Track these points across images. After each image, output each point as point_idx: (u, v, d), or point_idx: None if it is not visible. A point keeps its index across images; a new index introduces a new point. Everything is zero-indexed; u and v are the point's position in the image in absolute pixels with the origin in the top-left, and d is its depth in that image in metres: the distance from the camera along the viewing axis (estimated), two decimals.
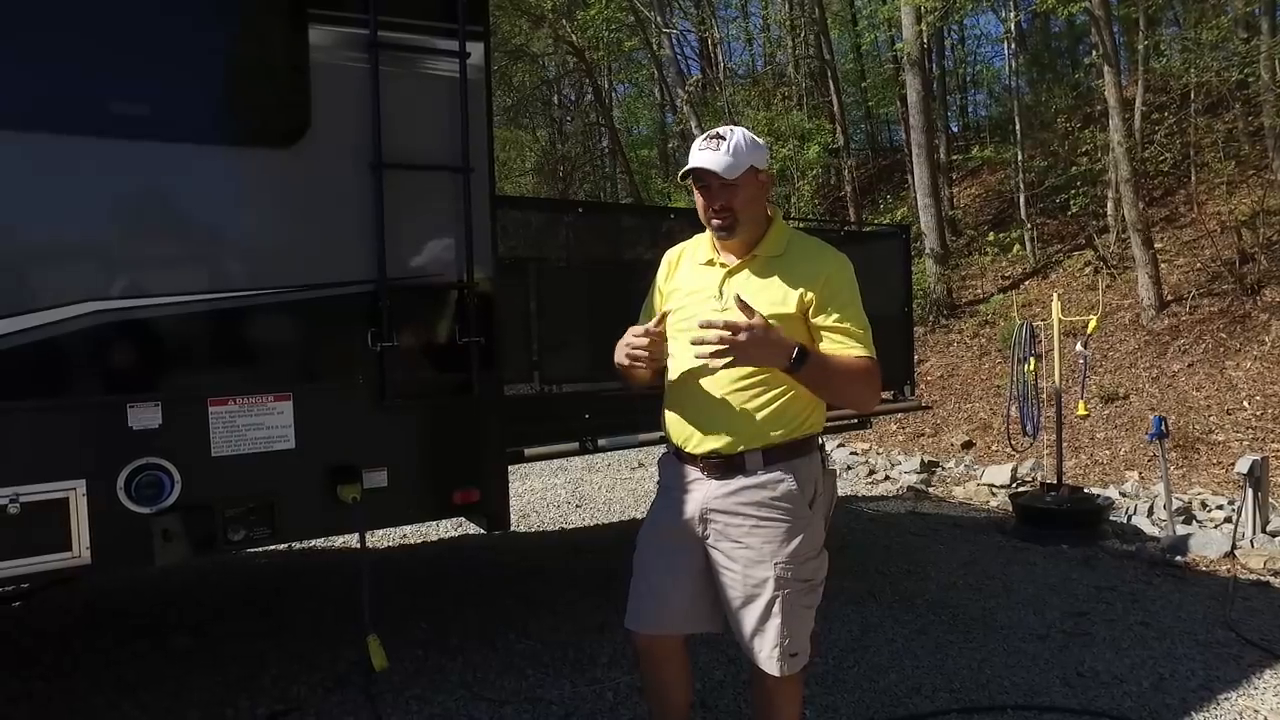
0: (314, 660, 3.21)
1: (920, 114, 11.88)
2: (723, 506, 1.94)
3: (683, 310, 2.02)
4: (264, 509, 2.34)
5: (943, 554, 4.66)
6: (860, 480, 7.19)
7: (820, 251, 1.99)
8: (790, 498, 1.90)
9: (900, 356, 4.46)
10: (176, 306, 2.21)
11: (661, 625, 2.06)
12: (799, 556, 1.91)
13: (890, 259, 4.55)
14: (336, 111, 2.43)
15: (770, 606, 1.90)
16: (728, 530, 1.94)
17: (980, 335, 10.93)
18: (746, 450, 1.91)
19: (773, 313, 1.87)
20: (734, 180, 1.90)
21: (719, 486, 1.94)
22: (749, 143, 1.93)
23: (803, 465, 1.94)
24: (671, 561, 2.02)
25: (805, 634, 1.96)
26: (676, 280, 2.10)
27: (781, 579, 1.90)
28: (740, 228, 1.94)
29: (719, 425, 1.92)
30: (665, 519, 2.05)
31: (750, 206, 1.94)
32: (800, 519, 1.91)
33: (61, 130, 2.10)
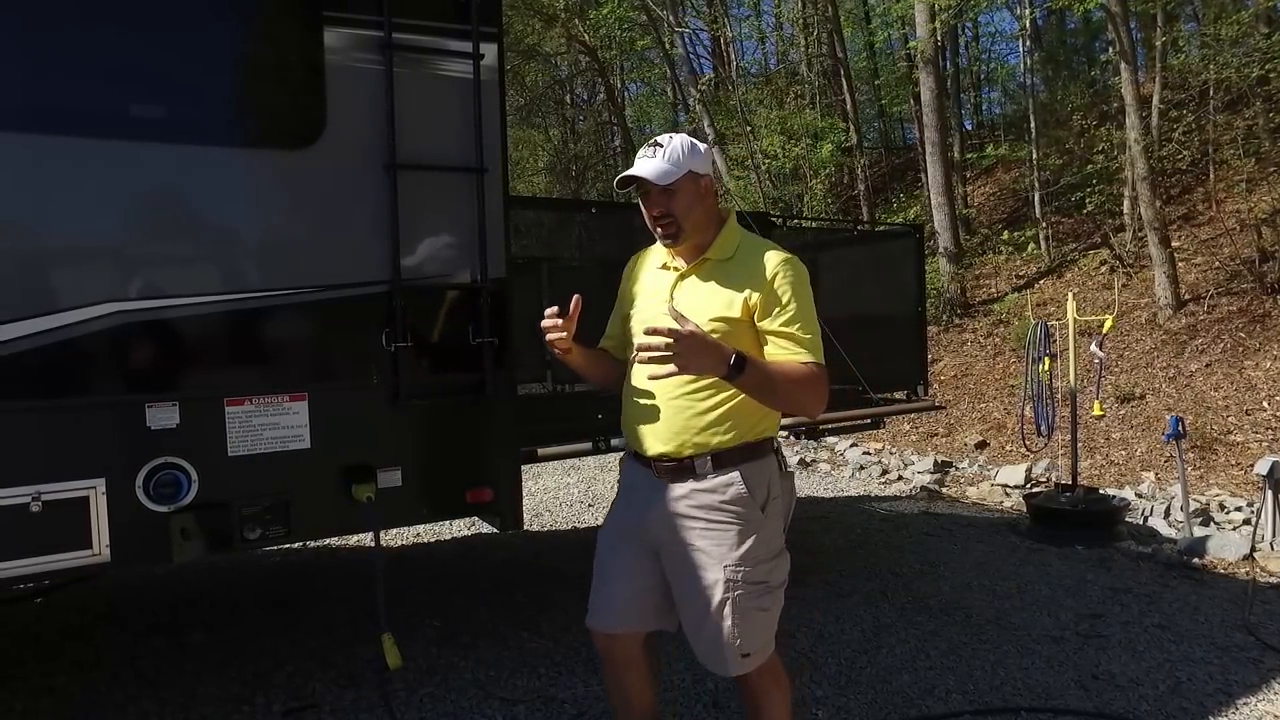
0: (328, 658, 3.23)
1: (934, 112, 11.80)
2: (674, 509, 1.95)
3: (639, 314, 2.04)
4: (279, 508, 2.36)
5: (956, 554, 4.64)
6: (873, 480, 7.17)
7: (768, 254, 1.96)
8: (741, 501, 1.90)
9: (913, 356, 4.45)
10: (194, 307, 2.23)
11: (618, 624, 2.08)
12: (750, 559, 1.91)
13: (903, 258, 4.54)
14: (351, 113, 2.45)
15: (721, 608, 1.90)
16: (679, 533, 1.95)
17: (994, 335, 10.86)
18: (696, 454, 1.92)
19: (720, 316, 1.88)
20: (671, 186, 1.92)
21: (670, 489, 1.96)
22: (687, 149, 1.94)
23: (754, 468, 1.93)
24: (627, 562, 2.05)
25: (760, 635, 1.96)
26: (635, 284, 2.12)
27: (731, 581, 1.90)
28: (684, 234, 1.95)
29: (669, 429, 1.94)
30: (622, 519, 2.09)
31: (691, 212, 1.95)
32: (751, 522, 1.91)
33: (82, 133, 2.12)
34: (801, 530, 5.27)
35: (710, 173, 1.99)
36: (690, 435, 1.92)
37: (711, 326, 1.87)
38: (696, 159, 1.95)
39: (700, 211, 1.96)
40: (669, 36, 15.99)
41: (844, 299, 4.21)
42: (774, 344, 1.89)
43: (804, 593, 3.98)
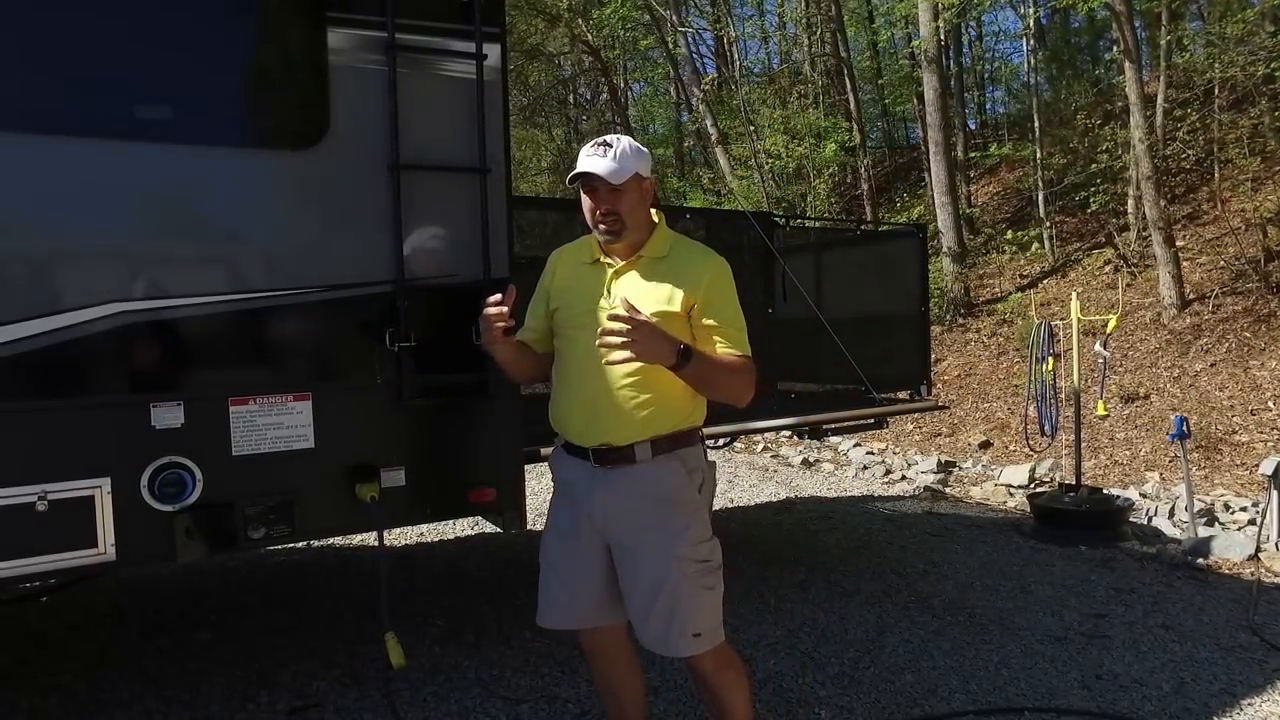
0: (332, 657, 3.24)
1: (937, 111, 11.78)
2: (617, 497, 2.02)
3: (570, 308, 2.10)
4: (284, 507, 2.36)
5: (959, 554, 4.63)
6: (876, 480, 7.16)
7: (702, 255, 2.10)
8: (680, 484, 2.01)
9: (916, 356, 4.45)
10: (198, 307, 2.24)
11: (568, 620, 2.15)
12: (694, 539, 2.01)
13: (906, 258, 4.53)
14: (355, 113, 2.45)
15: (672, 590, 1.98)
16: (622, 519, 2.03)
17: (998, 334, 10.84)
18: (636, 441, 1.99)
19: (659, 310, 1.97)
20: (619, 185, 1.98)
21: (611, 477, 2.02)
22: (634, 150, 2.02)
23: (688, 454, 2.04)
24: (574, 557, 2.11)
25: (709, 614, 2.04)
26: (564, 278, 2.17)
27: (679, 560, 1.99)
28: (626, 231, 2.03)
29: (609, 418, 2.01)
30: (563, 515, 2.15)
31: (635, 211, 2.03)
32: (689, 504, 2.02)
33: (87, 134, 2.13)
34: (805, 530, 5.29)
35: (651, 177, 2.08)
36: (629, 424, 1.99)
37: (651, 319, 1.93)
38: (641, 161, 2.02)
39: (642, 211, 2.06)
40: (672, 36, 15.98)
41: (847, 299, 4.22)
42: (710, 338, 2.00)
43: (808, 593, 3.98)
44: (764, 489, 6.66)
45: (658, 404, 1.99)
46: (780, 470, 7.58)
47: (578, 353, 2.06)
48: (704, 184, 16.57)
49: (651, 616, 2.02)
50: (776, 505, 6.03)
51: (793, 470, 7.59)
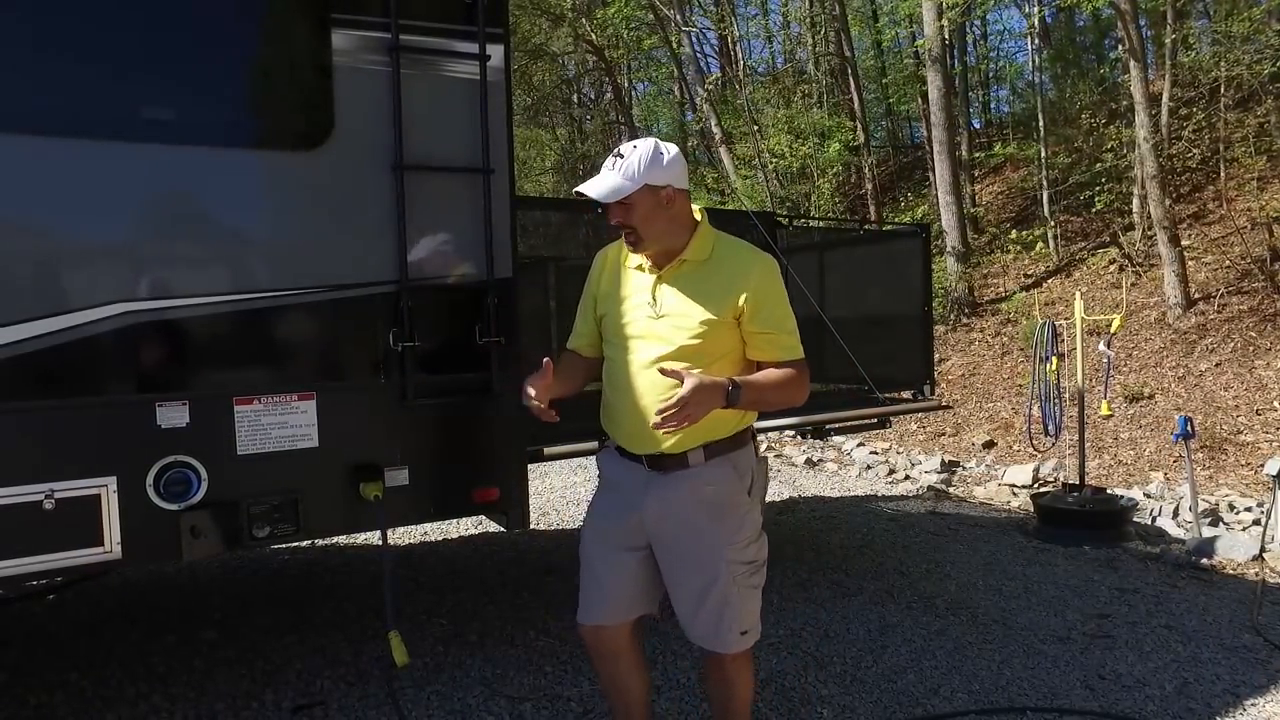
0: (337, 655, 3.26)
1: (941, 110, 11.77)
2: (671, 501, 2.03)
3: (616, 316, 2.09)
4: (288, 506, 2.37)
5: (963, 554, 4.63)
6: (880, 480, 7.16)
7: (748, 256, 2.05)
8: (731, 487, 2.02)
9: (920, 356, 4.44)
10: (204, 307, 2.25)
11: (610, 618, 2.15)
12: (744, 540, 2.03)
13: (910, 258, 4.53)
14: (359, 114, 2.46)
15: (723, 591, 2.01)
16: (674, 521, 2.04)
17: (1002, 334, 10.82)
18: (689, 449, 2.00)
19: (706, 319, 1.96)
20: (625, 200, 1.95)
21: (665, 482, 2.03)
22: (646, 160, 1.94)
23: (740, 456, 2.05)
24: (616, 555, 2.12)
25: (754, 612, 2.09)
26: (609, 283, 2.15)
27: (731, 563, 2.01)
28: (644, 243, 2.00)
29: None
30: (608, 516, 2.16)
31: (651, 223, 1.97)
32: (741, 506, 2.04)
33: (93, 135, 2.15)
34: (808, 530, 5.29)
35: (673, 182, 1.98)
36: (685, 432, 1.96)
37: (700, 328, 1.96)
38: (655, 171, 1.95)
39: (662, 221, 1.99)
40: (676, 36, 15.98)
41: (851, 299, 4.22)
42: (759, 342, 2.00)
43: (810, 592, 3.99)
44: (767, 488, 6.66)
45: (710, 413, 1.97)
46: (784, 470, 7.58)
47: (627, 361, 2.04)
48: (708, 183, 16.56)
49: (700, 614, 2.05)
50: (779, 505, 6.03)
51: (796, 470, 7.59)
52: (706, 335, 1.96)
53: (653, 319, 2.01)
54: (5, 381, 2.05)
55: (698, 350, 1.97)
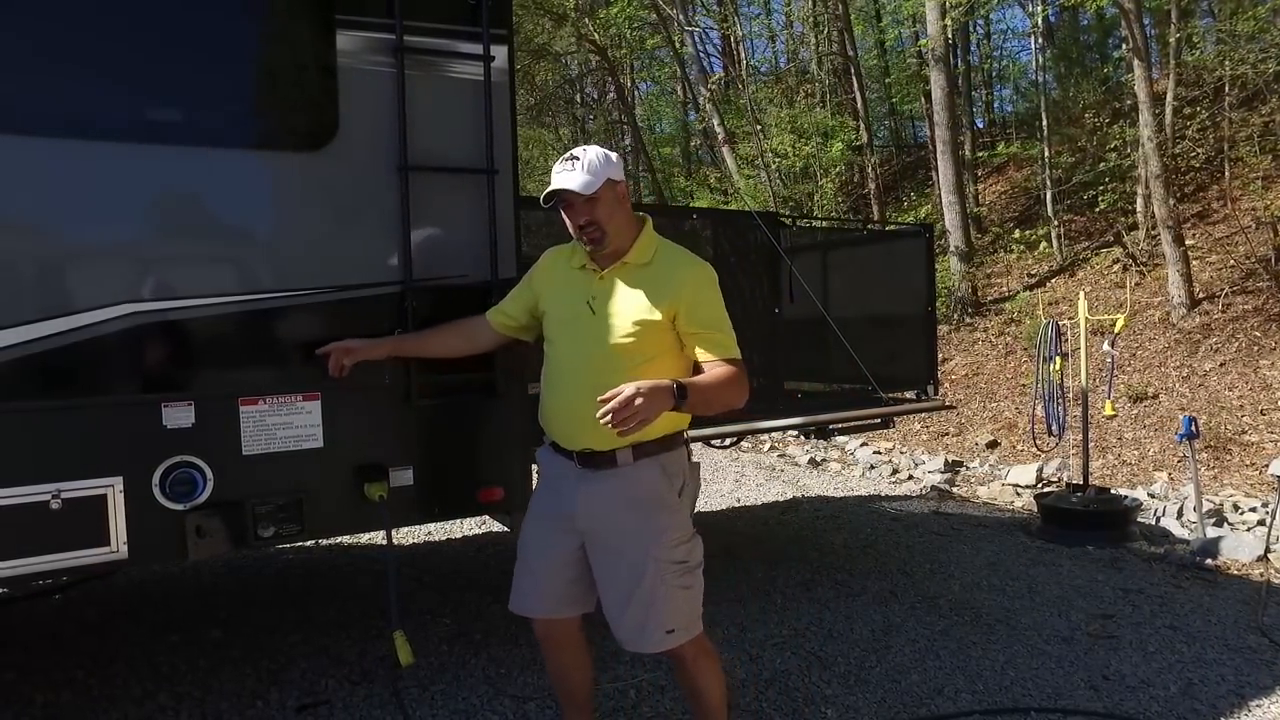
0: (341, 655, 3.27)
1: (945, 110, 11.74)
2: (599, 498, 2.09)
3: (554, 314, 2.18)
4: (293, 506, 2.38)
5: (966, 554, 4.63)
6: (883, 479, 7.16)
7: (685, 262, 2.13)
8: (660, 488, 2.08)
9: (923, 356, 4.44)
10: (209, 308, 2.26)
11: (545, 611, 2.23)
12: (670, 541, 2.07)
13: (913, 258, 4.52)
14: (364, 115, 2.47)
15: (648, 589, 2.05)
16: (605, 520, 2.10)
17: (1005, 333, 10.80)
18: (618, 447, 2.05)
19: (642, 319, 2.04)
20: (594, 195, 2.04)
21: (593, 478, 2.10)
22: (602, 159, 2.07)
23: (670, 458, 2.10)
24: (549, 550, 2.19)
25: (683, 612, 2.10)
26: (552, 281, 2.23)
27: (657, 561, 2.05)
28: (608, 238, 2.08)
29: (592, 425, 1.99)
30: (544, 509, 2.23)
31: (613, 217, 2.07)
32: (669, 507, 2.08)
33: (97, 137, 2.16)
34: (812, 530, 5.29)
35: (624, 180, 2.12)
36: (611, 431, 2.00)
37: (633, 328, 2.04)
38: (611, 167, 2.07)
39: (620, 216, 2.09)
40: (679, 35, 15.97)
41: (854, 298, 4.21)
42: (695, 343, 2.06)
43: (814, 592, 3.99)
44: (771, 488, 6.67)
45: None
46: (787, 469, 7.58)
47: (561, 359, 2.14)
48: (711, 183, 16.56)
49: (626, 614, 2.09)
50: (783, 504, 6.04)
51: (799, 470, 7.59)
52: (639, 335, 2.04)
53: (589, 318, 2.09)
54: (13, 382, 2.06)
55: (629, 350, 2.04)
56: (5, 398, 2.06)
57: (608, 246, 2.10)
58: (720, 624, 3.59)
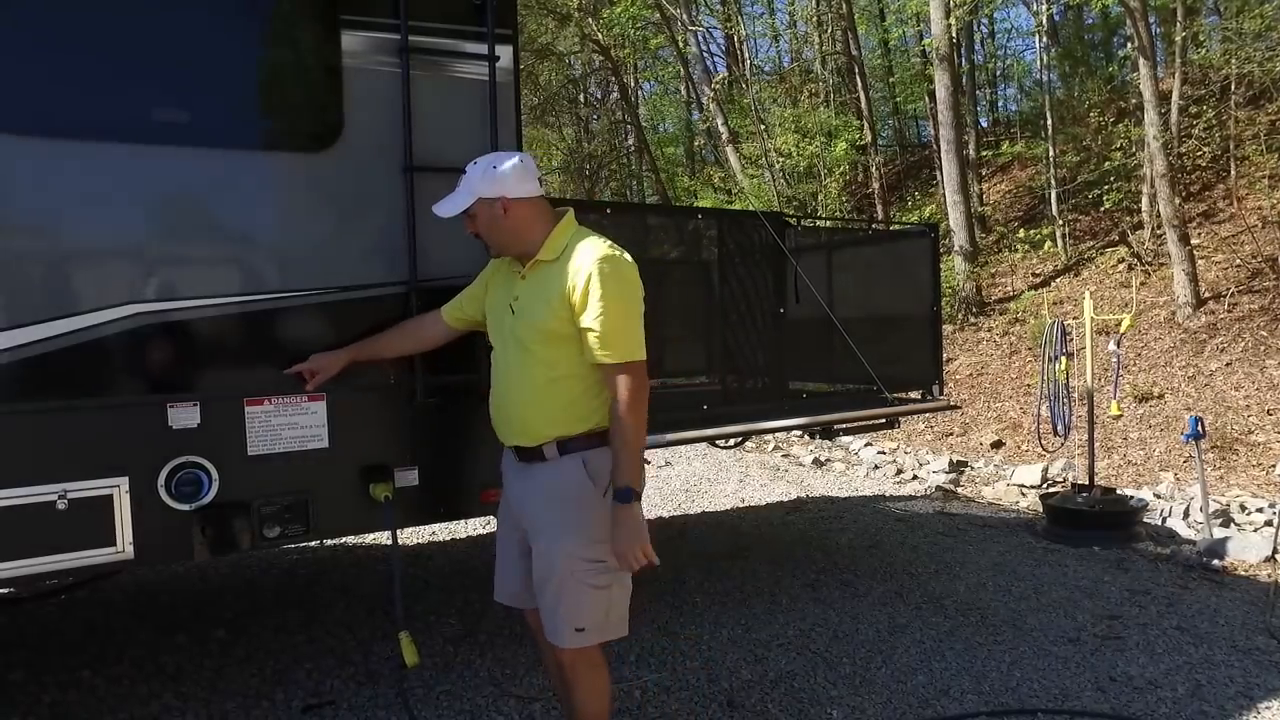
0: (347, 655, 3.27)
1: (949, 109, 11.72)
2: (526, 491, 2.15)
3: (491, 314, 2.22)
4: (298, 506, 2.38)
5: (972, 555, 4.62)
6: (888, 480, 7.14)
7: (588, 253, 2.02)
8: (582, 484, 2.06)
9: (928, 356, 4.42)
10: (214, 309, 2.26)
11: (505, 597, 2.30)
12: (587, 537, 2.04)
13: (919, 258, 4.50)
14: (368, 115, 2.47)
15: (559, 583, 2.06)
16: (528, 512, 2.15)
17: (1010, 333, 10.78)
18: (544, 442, 2.08)
19: (545, 318, 2.03)
20: (468, 211, 2.11)
21: (525, 471, 2.15)
22: (478, 175, 2.09)
23: (595, 455, 2.07)
24: (505, 543, 2.28)
25: (595, 612, 2.08)
26: (493, 282, 2.27)
27: (569, 556, 2.05)
28: (495, 248, 2.17)
29: (522, 421, 2.11)
30: (503, 502, 2.31)
31: (492, 232, 2.11)
32: (590, 505, 2.05)
33: (102, 138, 2.16)
34: (816, 530, 5.28)
35: (506, 193, 2.07)
36: (541, 425, 2.08)
37: (539, 328, 2.03)
38: (487, 183, 2.07)
39: (501, 231, 2.10)
40: (682, 35, 15.95)
41: (859, 299, 4.20)
42: (587, 342, 2.00)
43: (819, 593, 3.98)
44: (775, 488, 6.66)
45: (561, 408, 2.06)
46: (791, 470, 7.57)
47: (496, 358, 2.19)
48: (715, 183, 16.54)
49: (542, 604, 2.12)
50: (788, 505, 6.03)
51: (804, 470, 7.58)
52: (546, 335, 2.03)
53: (511, 319, 2.11)
54: (18, 382, 2.06)
55: (541, 350, 2.04)
56: (11, 398, 2.06)
57: (502, 254, 2.17)
58: (725, 624, 3.59)
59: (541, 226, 2.11)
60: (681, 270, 3.84)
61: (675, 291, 3.75)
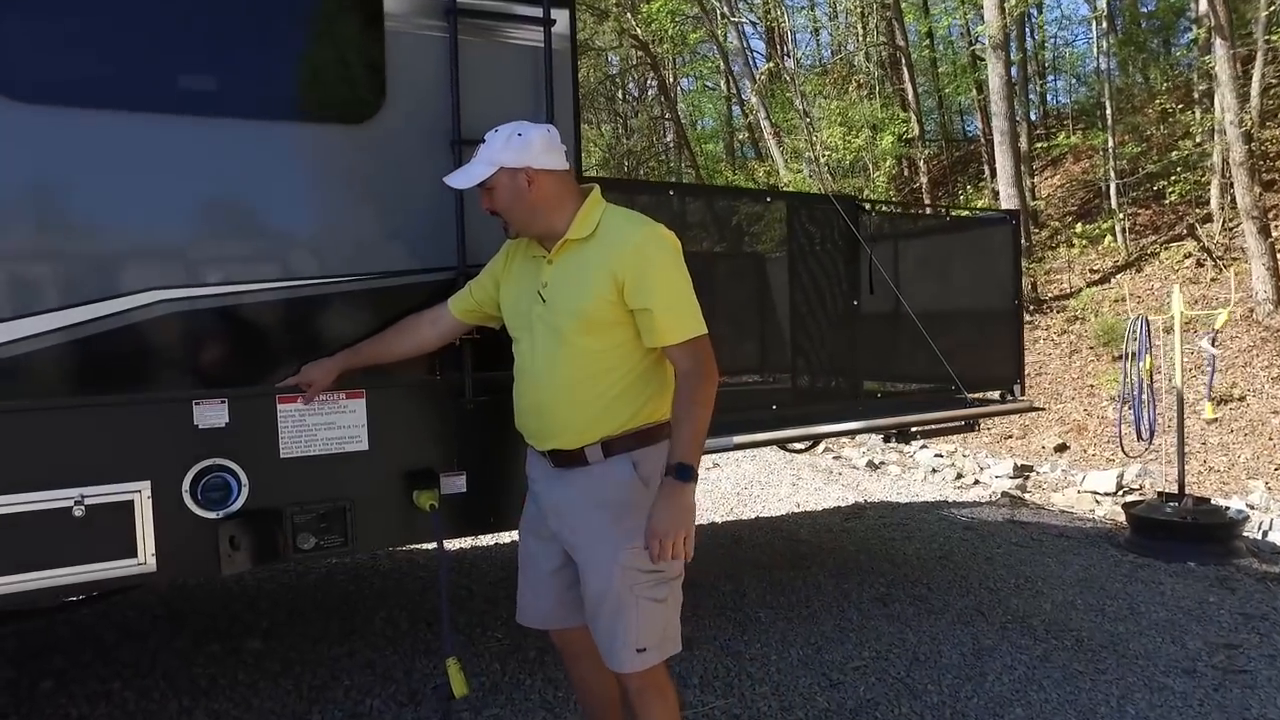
0: (388, 671, 3.05)
1: (1003, 100, 11.27)
2: (566, 499, 1.93)
3: (512, 309, 1.98)
4: (335, 515, 2.16)
5: (1053, 568, 4.26)
6: (948, 484, 6.78)
7: (630, 226, 1.86)
8: (632, 488, 1.86)
9: (1009, 354, 4.08)
10: (243, 296, 2.04)
11: (535, 620, 2.10)
12: (642, 548, 1.81)
13: (998, 247, 4.16)
14: (413, 84, 2.24)
15: (616, 599, 1.86)
16: (572, 523, 1.93)
17: (1069, 332, 10.31)
18: (586, 444, 1.87)
19: (587, 303, 1.81)
20: (486, 184, 1.87)
21: (563, 477, 1.92)
22: (501, 142, 1.86)
23: (646, 454, 1.88)
24: (536, 558, 2.06)
25: (656, 628, 1.88)
26: (507, 272, 2.03)
27: (626, 569, 1.85)
28: (515, 227, 1.91)
29: (559, 421, 1.89)
30: (530, 513, 2.08)
31: (513, 207, 1.88)
32: (642, 509, 1.82)
33: (122, 107, 1.94)
34: (880, 538, 4.97)
35: (531, 163, 1.85)
36: (576, 427, 1.87)
37: (578, 313, 1.82)
38: (510, 152, 1.84)
39: (523, 207, 1.87)
40: (722, 29, 15.65)
41: (934, 291, 3.88)
42: (647, 324, 1.81)
43: (891, 609, 3.67)
44: (829, 492, 6.34)
45: (605, 403, 1.86)
46: (844, 472, 7.24)
47: (523, 355, 1.95)
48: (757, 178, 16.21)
49: (597, 626, 1.91)
50: (845, 510, 5.71)
51: (858, 472, 7.24)
52: (591, 324, 1.82)
53: (542, 310, 1.88)
54: (29, 377, 1.86)
55: (584, 339, 1.83)
56: (20, 394, 1.86)
57: (522, 234, 1.93)
58: (793, 642, 3.30)
59: (569, 202, 1.89)
60: (745, 259, 3.56)
61: (739, 281, 3.47)
